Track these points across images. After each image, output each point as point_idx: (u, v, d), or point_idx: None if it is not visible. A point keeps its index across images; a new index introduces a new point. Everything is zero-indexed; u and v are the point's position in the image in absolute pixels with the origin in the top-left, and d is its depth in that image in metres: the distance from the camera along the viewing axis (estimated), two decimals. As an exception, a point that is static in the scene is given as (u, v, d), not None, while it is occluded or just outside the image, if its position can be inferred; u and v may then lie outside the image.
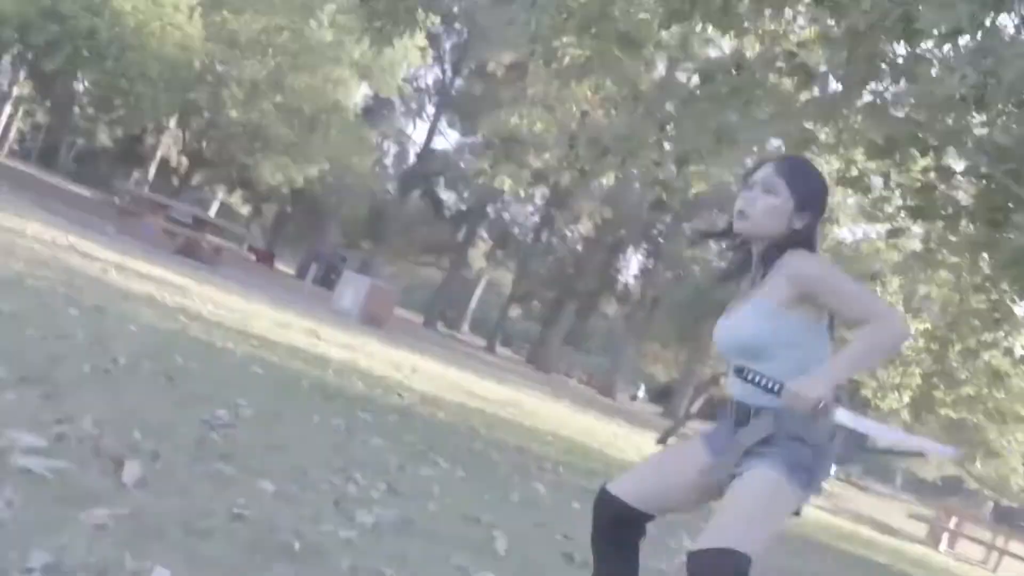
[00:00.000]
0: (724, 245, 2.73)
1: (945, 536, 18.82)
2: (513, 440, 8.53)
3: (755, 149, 10.83)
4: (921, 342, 16.45)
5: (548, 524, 4.88)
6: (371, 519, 3.64)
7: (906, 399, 16.94)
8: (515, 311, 51.79)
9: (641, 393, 54.25)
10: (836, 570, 8.06)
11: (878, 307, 2.32)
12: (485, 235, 47.03)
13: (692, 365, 40.41)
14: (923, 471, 44.36)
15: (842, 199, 17.30)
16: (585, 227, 42.37)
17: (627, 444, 13.97)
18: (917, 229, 14.06)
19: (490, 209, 43.52)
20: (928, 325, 16.18)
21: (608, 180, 17.06)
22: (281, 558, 2.89)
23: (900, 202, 12.52)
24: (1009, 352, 14.60)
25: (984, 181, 11.95)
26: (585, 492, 6.65)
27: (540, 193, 39.83)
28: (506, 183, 31.33)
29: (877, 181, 12.97)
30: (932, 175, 12.27)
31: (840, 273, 2.37)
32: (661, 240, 42.32)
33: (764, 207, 2.43)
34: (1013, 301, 14.24)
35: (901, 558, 12.44)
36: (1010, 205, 11.77)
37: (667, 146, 11.18)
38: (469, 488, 5.16)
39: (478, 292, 52.81)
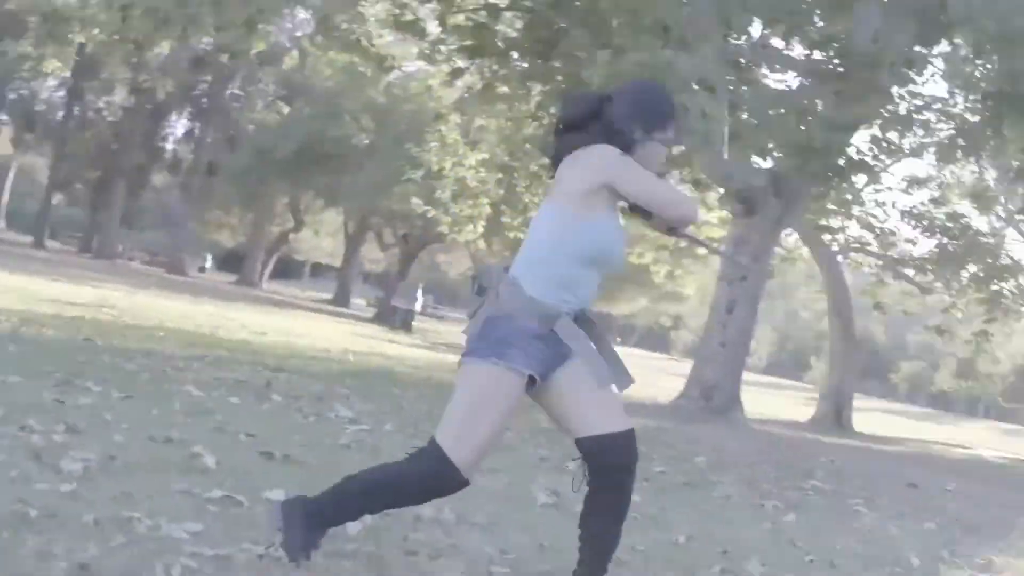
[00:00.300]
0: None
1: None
2: (134, 344, 8.20)
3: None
4: (483, 172, 17.71)
5: (226, 427, 4.91)
6: (78, 466, 3.48)
7: (480, 229, 18.26)
8: (58, 198, 47.53)
9: (208, 263, 52.84)
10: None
11: None
12: (5, 117, 42.16)
13: (260, 227, 40.05)
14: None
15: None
16: (121, 96, 39.43)
17: (229, 323, 13.86)
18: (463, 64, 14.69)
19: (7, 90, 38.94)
20: (487, 155, 17.42)
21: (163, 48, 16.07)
22: (22, 528, 2.71)
23: (456, 43, 13.18)
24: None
25: (529, 15, 12.91)
26: (235, 384, 6.69)
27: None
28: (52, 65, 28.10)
29: (433, 27, 13.52)
30: (483, 14, 13.00)
31: None
32: (205, 101, 40.61)
33: None
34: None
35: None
36: (556, 35, 12.84)
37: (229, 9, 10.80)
38: (135, 407, 5.00)
39: (8, 183, 47.73)
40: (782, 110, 10.36)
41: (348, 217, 34.43)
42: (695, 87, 7.94)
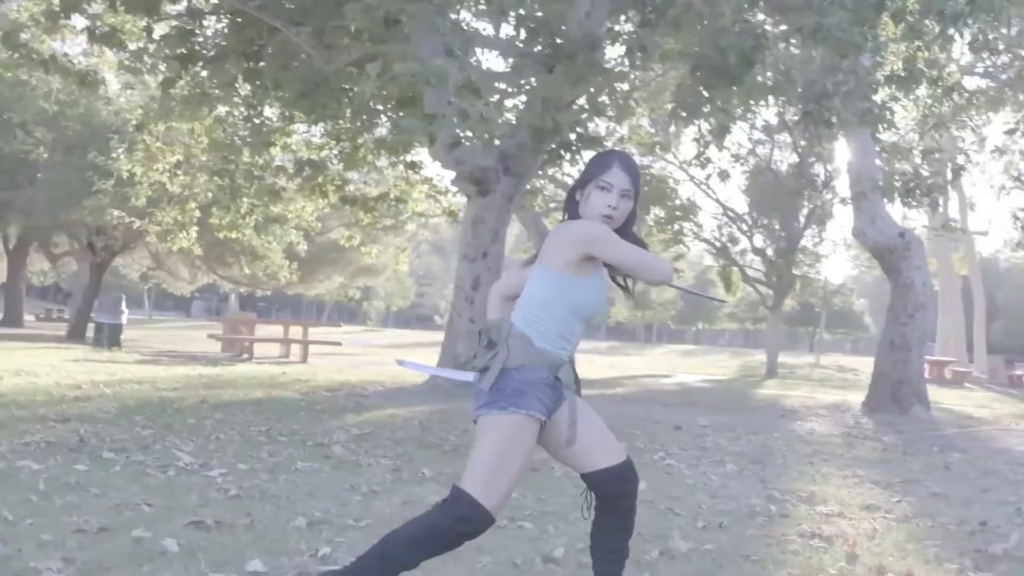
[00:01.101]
0: None
1: (247, 346, 20.31)
2: None
3: None
4: (182, 176, 16.98)
5: None
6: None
7: (193, 235, 17.49)
8: None
9: None
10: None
11: None
12: None
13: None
14: (174, 287, 46.03)
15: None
16: None
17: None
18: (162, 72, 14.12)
19: None
20: (180, 156, 16.69)
21: None
22: None
23: (165, 52, 12.52)
24: (282, 169, 15.93)
25: (237, 17, 12.51)
26: None
27: None
28: None
29: (134, 37, 12.75)
30: (184, 19, 12.43)
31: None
32: None
33: (625, 210, 3.09)
34: (271, 121, 15.40)
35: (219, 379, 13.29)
36: (266, 36, 12.54)
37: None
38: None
39: None
40: (512, 91, 10.85)
41: (4, 230, 31.47)
42: (456, 90, 8.13)
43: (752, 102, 13.82)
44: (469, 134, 8.71)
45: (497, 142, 11.44)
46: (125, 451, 6.18)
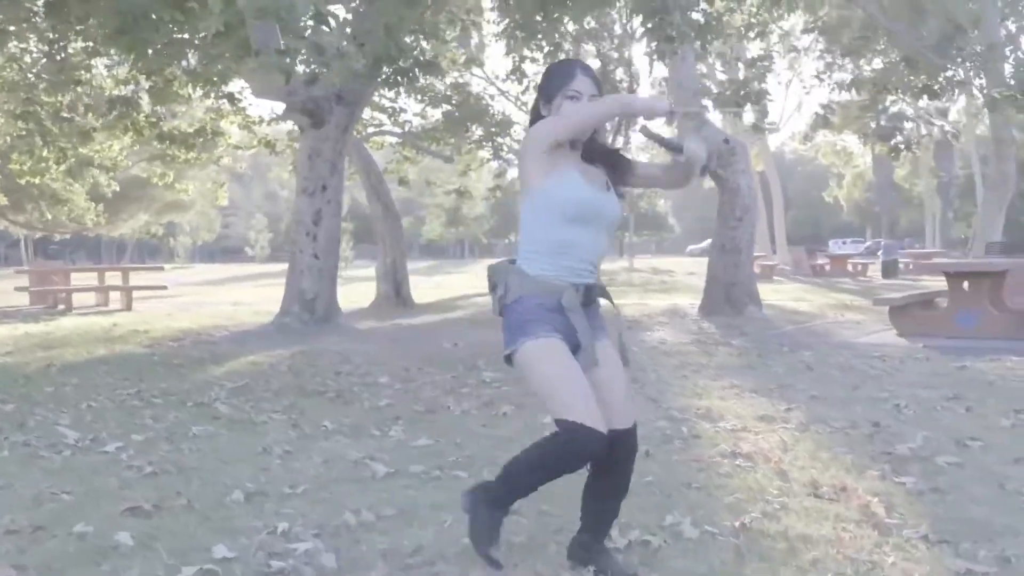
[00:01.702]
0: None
1: (64, 297, 19.13)
2: None
3: None
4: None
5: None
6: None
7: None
8: None
9: None
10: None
11: None
12: None
13: None
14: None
15: None
16: None
17: None
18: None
19: None
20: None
21: None
22: None
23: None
24: (91, 109, 14.91)
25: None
26: None
27: None
28: None
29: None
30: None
31: None
32: None
33: None
34: (75, 57, 14.31)
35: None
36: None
37: None
38: None
39: None
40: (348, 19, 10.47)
41: None
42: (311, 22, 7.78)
43: (589, 16, 13.88)
44: (325, 71, 8.36)
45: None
46: (0, 431, 5.78)
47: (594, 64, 26.96)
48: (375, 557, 3.35)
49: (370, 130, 22.22)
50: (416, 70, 11.14)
